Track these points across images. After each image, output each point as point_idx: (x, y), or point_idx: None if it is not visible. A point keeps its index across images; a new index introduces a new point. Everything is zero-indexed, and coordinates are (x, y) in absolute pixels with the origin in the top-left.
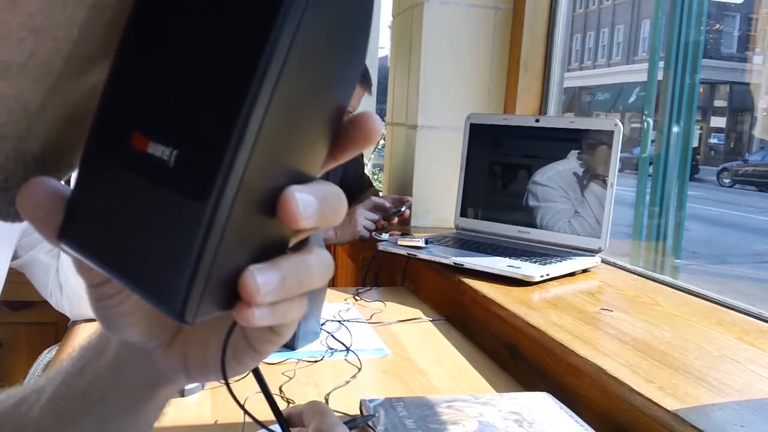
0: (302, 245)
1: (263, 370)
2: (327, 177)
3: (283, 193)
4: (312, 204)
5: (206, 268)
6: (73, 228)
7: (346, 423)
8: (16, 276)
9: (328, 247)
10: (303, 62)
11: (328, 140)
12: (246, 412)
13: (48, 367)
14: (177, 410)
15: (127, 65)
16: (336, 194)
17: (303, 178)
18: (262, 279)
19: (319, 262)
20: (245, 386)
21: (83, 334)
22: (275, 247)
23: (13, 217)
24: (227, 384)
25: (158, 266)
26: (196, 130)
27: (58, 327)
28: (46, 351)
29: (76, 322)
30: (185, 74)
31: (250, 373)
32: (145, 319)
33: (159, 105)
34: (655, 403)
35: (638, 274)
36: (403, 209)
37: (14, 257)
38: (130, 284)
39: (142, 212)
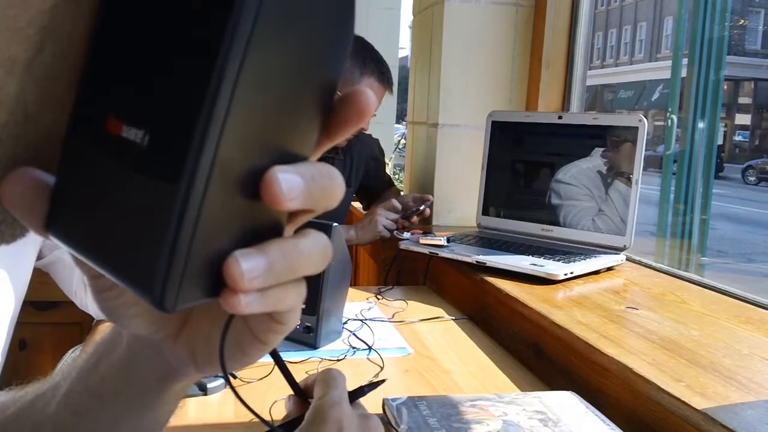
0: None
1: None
2: (348, 178)
3: (265, 173)
4: (297, 184)
5: (183, 253)
6: (59, 218)
7: (352, 392)
8: (41, 276)
9: (349, 247)
10: (273, 39)
11: (318, 119)
12: (250, 409)
13: None
14: (200, 408)
15: (101, 50)
16: (327, 174)
17: (292, 159)
18: (246, 264)
19: (313, 246)
20: (270, 388)
21: None
22: (267, 231)
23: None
24: (225, 376)
25: (137, 253)
26: (166, 112)
27: (83, 327)
28: (70, 351)
29: (100, 322)
30: (156, 55)
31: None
32: (147, 311)
33: (132, 87)
34: (684, 402)
35: (664, 272)
36: (423, 208)
37: (39, 257)
38: (112, 273)
39: (120, 198)
